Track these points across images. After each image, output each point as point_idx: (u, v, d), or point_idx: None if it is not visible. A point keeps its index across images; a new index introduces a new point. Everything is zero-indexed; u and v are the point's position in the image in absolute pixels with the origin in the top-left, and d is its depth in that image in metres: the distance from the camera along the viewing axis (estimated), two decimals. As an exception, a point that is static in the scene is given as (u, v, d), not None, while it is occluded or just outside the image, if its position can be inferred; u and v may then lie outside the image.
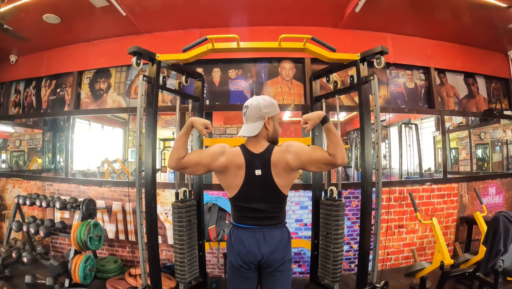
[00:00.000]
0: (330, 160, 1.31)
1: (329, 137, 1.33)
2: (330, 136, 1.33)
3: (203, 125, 1.39)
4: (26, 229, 2.84)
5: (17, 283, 2.59)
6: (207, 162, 1.36)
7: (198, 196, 2.44)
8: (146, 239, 2.03)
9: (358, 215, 2.71)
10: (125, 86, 3.39)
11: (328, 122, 1.35)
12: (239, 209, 1.40)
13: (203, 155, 1.38)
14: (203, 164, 1.36)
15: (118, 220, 3.10)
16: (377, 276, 2.07)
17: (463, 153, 3.71)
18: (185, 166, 1.36)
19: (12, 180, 3.62)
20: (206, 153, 1.39)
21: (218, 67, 3.22)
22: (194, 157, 1.38)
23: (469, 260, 2.40)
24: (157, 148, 2.68)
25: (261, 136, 1.40)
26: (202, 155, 1.38)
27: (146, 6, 2.76)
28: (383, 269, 2.72)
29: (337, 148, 1.30)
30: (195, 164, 1.37)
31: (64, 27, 3.07)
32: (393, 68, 3.36)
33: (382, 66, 1.98)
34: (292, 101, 3.13)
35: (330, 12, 2.92)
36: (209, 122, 1.42)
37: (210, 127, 1.43)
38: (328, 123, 1.34)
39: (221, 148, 1.38)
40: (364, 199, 2.07)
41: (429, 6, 2.73)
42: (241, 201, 1.38)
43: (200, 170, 1.39)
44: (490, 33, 3.20)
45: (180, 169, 1.38)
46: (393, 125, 3.71)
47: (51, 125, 3.82)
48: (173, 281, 2.56)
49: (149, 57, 2.08)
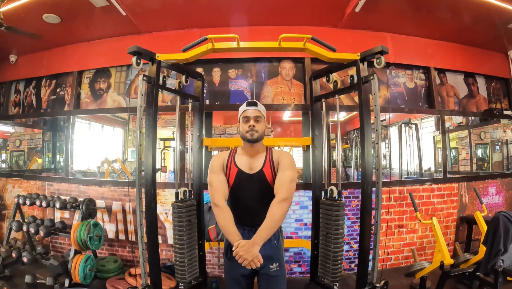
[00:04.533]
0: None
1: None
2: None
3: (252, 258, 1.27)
4: (26, 228, 2.84)
5: (17, 283, 2.59)
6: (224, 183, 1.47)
7: (198, 195, 2.44)
8: (146, 239, 2.03)
9: (358, 214, 2.71)
10: (125, 86, 3.39)
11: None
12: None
13: (219, 185, 1.45)
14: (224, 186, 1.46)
15: (118, 220, 3.10)
16: (377, 276, 2.07)
17: (463, 153, 3.71)
18: (226, 198, 1.45)
19: (12, 180, 3.62)
20: (217, 181, 1.46)
21: (218, 67, 3.22)
22: (222, 191, 1.43)
23: (469, 260, 2.40)
24: (157, 147, 2.68)
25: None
26: (219, 185, 1.45)
27: (146, 6, 2.76)
28: (383, 269, 2.72)
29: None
30: (225, 190, 1.46)
31: (64, 27, 3.07)
32: (393, 68, 3.36)
33: (382, 66, 1.98)
34: (292, 101, 3.13)
35: (330, 12, 2.91)
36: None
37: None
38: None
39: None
40: (364, 198, 2.07)
41: (429, 6, 2.73)
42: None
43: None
44: (490, 33, 3.20)
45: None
46: (393, 125, 3.71)
47: (51, 125, 3.82)
48: (173, 281, 2.56)
49: (149, 57, 2.07)
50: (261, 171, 1.45)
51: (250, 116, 1.46)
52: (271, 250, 1.43)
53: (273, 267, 1.42)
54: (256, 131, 1.44)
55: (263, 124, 1.50)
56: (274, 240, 1.44)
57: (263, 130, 1.49)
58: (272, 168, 1.45)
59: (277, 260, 1.44)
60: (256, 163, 1.47)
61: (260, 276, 1.46)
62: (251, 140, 1.45)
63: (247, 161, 1.47)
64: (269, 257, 1.40)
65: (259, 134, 1.45)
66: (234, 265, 1.35)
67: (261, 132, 1.47)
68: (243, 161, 1.48)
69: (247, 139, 1.45)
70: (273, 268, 1.43)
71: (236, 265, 1.32)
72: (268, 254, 1.39)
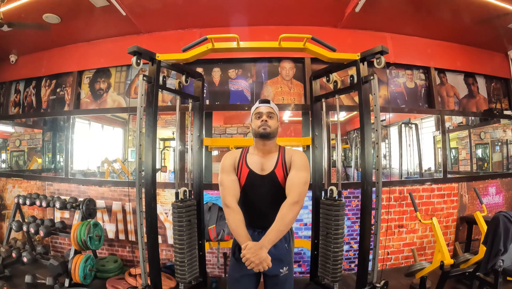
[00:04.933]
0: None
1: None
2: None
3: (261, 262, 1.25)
4: (26, 228, 2.84)
5: (17, 283, 2.59)
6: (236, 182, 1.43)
7: (198, 195, 2.44)
8: (146, 238, 2.03)
9: (358, 214, 2.71)
10: (125, 86, 3.39)
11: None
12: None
13: (230, 185, 1.41)
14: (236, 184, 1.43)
15: (118, 220, 3.10)
16: (377, 275, 2.07)
17: (463, 153, 3.71)
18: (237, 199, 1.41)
19: (12, 180, 3.62)
20: (228, 181, 1.42)
21: (218, 67, 3.22)
22: (233, 192, 1.40)
23: (469, 260, 2.40)
24: (157, 147, 2.67)
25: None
26: (230, 185, 1.41)
27: (146, 6, 2.76)
28: (383, 268, 2.72)
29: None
30: (237, 190, 1.41)
31: (64, 27, 3.06)
32: (393, 68, 3.36)
33: (382, 66, 1.98)
34: (292, 101, 3.13)
35: (330, 12, 2.91)
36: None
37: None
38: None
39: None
40: (364, 198, 2.07)
41: (429, 6, 2.73)
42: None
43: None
44: (490, 33, 3.20)
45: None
46: (393, 125, 3.71)
47: (51, 125, 3.82)
48: (173, 281, 2.56)
49: (149, 57, 2.07)
50: (272, 173, 1.40)
51: (262, 112, 1.42)
52: (282, 253, 1.40)
53: (283, 271, 1.40)
54: (269, 126, 1.40)
55: (276, 122, 1.45)
56: (285, 242, 1.41)
57: (276, 127, 1.44)
58: (284, 168, 1.41)
59: (287, 264, 1.41)
60: (268, 163, 1.42)
61: (268, 278, 1.43)
62: (264, 135, 1.39)
63: (259, 161, 1.43)
64: (279, 260, 1.37)
65: (271, 130, 1.40)
66: (242, 265, 1.29)
67: (274, 129, 1.42)
68: (255, 161, 1.43)
69: (260, 134, 1.40)
70: (283, 272, 1.40)
71: (243, 267, 1.27)
72: (278, 257, 1.36)
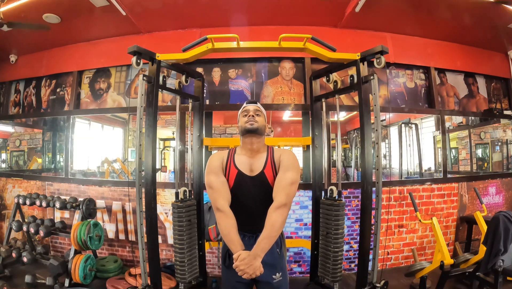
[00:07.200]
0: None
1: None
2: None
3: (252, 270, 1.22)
4: (26, 228, 2.84)
5: (17, 283, 2.59)
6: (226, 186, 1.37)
7: (198, 195, 2.44)
8: (146, 238, 2.03)
9: (358, 214, 2.71)
10: (125, 86, 3.39)
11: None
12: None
13: (221, 187, 1.36)
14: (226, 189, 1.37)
15: (118, 220, 3.10)
16: (377, 275, 2.07)
17: (463, 153, 3.71)
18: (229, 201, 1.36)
19: (12, 180, 3.62)
20: (218, 186, 1.37)
21: (218, 66, 3.22)
22: (224, 194, 1.35)
23: (469, 260, 2.40)
24: (157, 147, 2.68)
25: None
26: (221, 187, 1.36)
27: (146, 6, 2.76)
28: (383, 268, 2.72)
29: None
30: (227, 192, 1.36)
31: (64, 27, 3.06)
32: (393, 68, 3.36)
33: (382, 66, 1.98)
34: (292, 101, 3.13)
35: (330, 11, 2.91)
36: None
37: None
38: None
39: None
40: (364, 198, 2.07)
41: (429, 5, 2.73)
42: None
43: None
44: (490, 32, 3.20)
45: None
46: (393, 125, 3.71)
47: (51, 125, 3.82)
48: (173, 281, 2.56)
49: (149, 56, 2.08)
50: (262, 173, 1.36)
51: (250, 110, 1.41)
52: (274, 259, 1.36)
53: (276, 277, 1.36)
54: (256, 121, 1.37)
55: (263, 120, 1.43)
56: (276, 248, 1.38)
57: (263, 124, 1.42)
58: (274, 168, 1.37)
59: (280, 270, 1.37)
60: (257, 164, 1.38)
61: (261, 285, 1.38)
62: (251, 130, 1.36)
63: (248, 162, 1.38)
64: (271, 266, 1.34)
65: (259, 125, 1.38)
66: (233, 273, 1.26)
67: (261, 125, 1.39)
68: (243, 162, 1.38)
69: (247, 129, 1.37)
70: (276, 279, 1.36)
71: (235, 273, 1.24)
72: (270, 263, 1.33)
